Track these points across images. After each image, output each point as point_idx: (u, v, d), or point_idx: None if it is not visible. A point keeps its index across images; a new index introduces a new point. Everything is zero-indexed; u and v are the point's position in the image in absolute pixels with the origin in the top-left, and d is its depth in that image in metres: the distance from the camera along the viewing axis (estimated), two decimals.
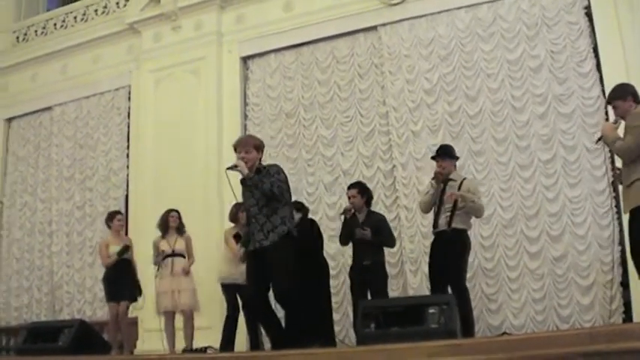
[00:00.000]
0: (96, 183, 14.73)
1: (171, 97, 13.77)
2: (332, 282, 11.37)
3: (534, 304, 10.56)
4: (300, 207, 10.36)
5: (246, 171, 7.15)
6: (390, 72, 12.24)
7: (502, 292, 10.78)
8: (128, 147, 14.55)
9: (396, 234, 11.08)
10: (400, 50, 12.22)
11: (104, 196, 14.55)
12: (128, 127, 14.65)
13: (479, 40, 11.67)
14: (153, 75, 14.14)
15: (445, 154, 9.24)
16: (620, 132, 6.99)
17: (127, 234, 11.69)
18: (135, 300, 10.88)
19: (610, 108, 7.59)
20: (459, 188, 8.93)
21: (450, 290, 8.57)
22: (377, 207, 11.57)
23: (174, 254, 10.27)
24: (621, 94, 7.11)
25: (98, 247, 11.25)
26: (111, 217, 11.36)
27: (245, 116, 13.48)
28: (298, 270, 7.34)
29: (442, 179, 9.05)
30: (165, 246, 10.36)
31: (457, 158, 9.50)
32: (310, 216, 10.78)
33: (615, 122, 7.18)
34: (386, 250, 10.17)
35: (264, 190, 7.06)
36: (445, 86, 11.80)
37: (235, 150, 7.43)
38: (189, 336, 10.09)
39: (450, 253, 8.73)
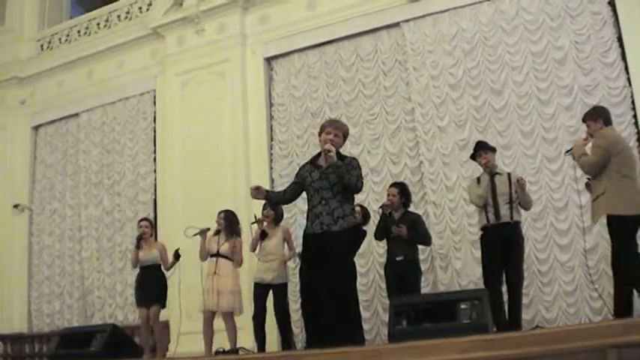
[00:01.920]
0: (124, 188, 14.87)
1: (197, 100, 13.87)
2: (361, 280, 11.47)
3: (566, 297, 10.55)
4: (366, 213, 10.46)
5: (335, 158, 7.06)
6: (415, 68, 12.26)
7: (533, 286, 10.78)
8: (155, 151, 14.67)
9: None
10: (424, 46, 12.25)
11: (132, 201, 14.69)
12: (154, 131, 14.77)
13: (502, 33, 11.67)
14: (178, 79, 14.24)
15: (485, 147, 9.26)
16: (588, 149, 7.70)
17: (156, 238, 11.73)
18: (164, 305, 10.94)
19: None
20: (510, 181, 8.97)
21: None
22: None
23: (218, 254, 10.23)
24: (594, 115, 7.83)
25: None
26: (138, 224, 11.48)
27: (271, 117, 13.55)
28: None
29: (489, 172, 9.09)
30: (213, 245, 10.33)
31: (496, 150, 9.48)
32: None
33: (586, 139, 7.86)
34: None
35: (349, 182, 7.05)
36: (470, 81, 11.81)
37: (322, 130, 7.38)
38: (232, 338, 10.08)
39: (516, 244, 8.87)
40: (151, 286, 10.79)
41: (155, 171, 14.59)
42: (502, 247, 8.78)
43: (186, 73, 14.12)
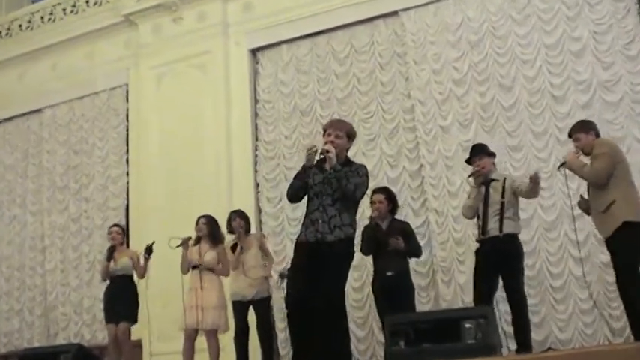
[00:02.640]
0: (92, 192, 14.75)
1: (174, 95, 13.80)
2: (355, 295, 11.50)
3: (582, 316, 10.48)
4: None
5: (334, 161, 6.97)
6: (415, 61, 12.23)
7: (546, 303, 10.72)
8: (127, 152, 14.59)
9: (425, 240, 11.16)
10: (425, 37, 12.21)
11: (102, 207, 14.57)
12: (127, 129, 14.71)
13: (513, 23, 11.63)
14: (153, 72, 14.18)
15: (481, 152, 9.21)
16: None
17: (128, 246, 11.67)
18: (136, 321, 10.91)
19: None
20: (503, 188, 8.91)
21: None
22: (404, 211, 11.60)
23: (201, 266, 10.18)
24: (584, 128, 8.29)
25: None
26: (108, 231, 11.44)
27: (256, 115, 13.51)
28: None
29: (482, 180, 9.04)
30: (194, 255, 10.27)
31: (494, 155, 9.42)
32: None
33: (577, 153, 8.25)
34: (415, 258, 10.19)
35: (346, 190, 6.96)
36: (476, 76, 11.78)
37: (324, 132, 7.33)
38: (214, 358, 10.03)
39: (506, 259, 8.77)
40: (121, 299, 10.79)
41: (127, 174, 14.50)
42: (493, 263, 8.79)
43: (163, 66, 14.06)
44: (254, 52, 13.77)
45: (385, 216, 9.87)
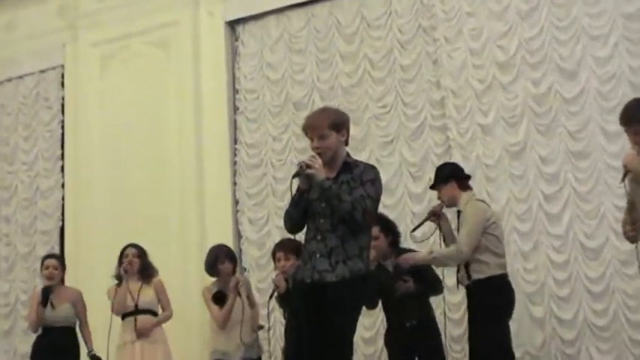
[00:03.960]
0: (15, 210, 14.76)
1: (127, 82, 13.83)
2: (366, 349, 11.62)
3: None
4: None
5: (321, 177, 6.62)
6: (446, 39, 12.13)
7: None
8: (63, 156, 14.52)
9: (459, 275, 10.92)
10: (460, 6, 12.11)
11: (28, 230, 14.56)
12: (62, 126, 14.65)
13: None
14: (98, 50, 14.18)
15: (439, 181, 9.28)
16: None
17: (63, 282, 11.50)
18: None
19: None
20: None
21: None
22: (431, 238, 11.41)
23: (137, 311, 9.98)
24: None
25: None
26: (41, 264, 11.22)
27: (235, 108, 13.48)
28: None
29: (440, 215, 9.31)
30: (123, 298, 10.09)
31: (458, 178, 9.34)
32: None
33: (638, 153, 7.46)
34: (440, 301, 10.02)
35: (341, 212, 6.58)
36: (528, 57, 11.63)
37: (306, 135, 7.02)
38: None
39: (474, 312, 8.92)
40: (59, 355, 10.61)
41: (63, 186, 14.46)
42: (474, 315, 8.97)
43: (111, 42, 14.05)
44: (233, 24, 13.75)
45: (386, 253, 9.69)
